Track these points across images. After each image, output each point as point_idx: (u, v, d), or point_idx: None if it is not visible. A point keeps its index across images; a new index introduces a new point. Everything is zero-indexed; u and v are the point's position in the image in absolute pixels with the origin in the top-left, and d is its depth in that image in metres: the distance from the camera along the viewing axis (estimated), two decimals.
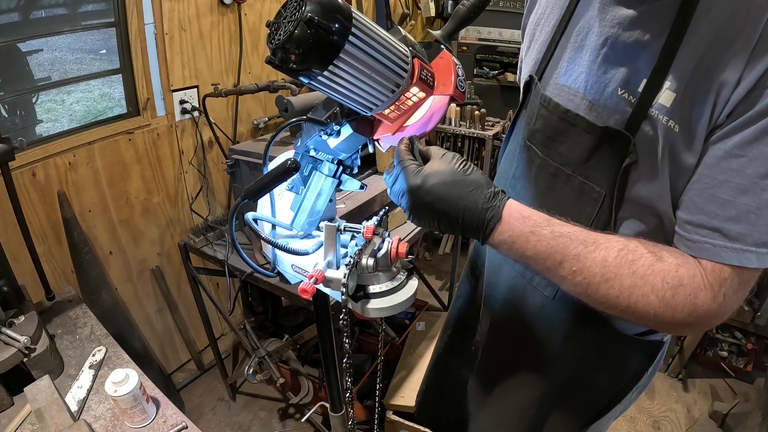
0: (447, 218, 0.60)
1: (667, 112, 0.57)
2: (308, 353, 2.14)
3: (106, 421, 1.02)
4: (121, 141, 1.77)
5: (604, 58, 0.63)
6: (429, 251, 3.33)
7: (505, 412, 0.97)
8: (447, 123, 2.76)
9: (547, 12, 0.77)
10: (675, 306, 0.55)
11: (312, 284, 0.62)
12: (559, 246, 0.57)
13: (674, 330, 0.61)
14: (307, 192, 0.76)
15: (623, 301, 0.56)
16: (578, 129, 0.67)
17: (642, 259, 0.56)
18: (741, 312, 2.18)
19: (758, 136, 0.50)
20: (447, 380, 1.17)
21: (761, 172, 0.51)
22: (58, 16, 1.58)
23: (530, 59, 0.80)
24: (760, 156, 0.50)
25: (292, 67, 0.48)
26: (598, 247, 0.57)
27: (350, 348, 0.72)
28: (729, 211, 0.53)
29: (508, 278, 0.88)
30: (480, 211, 0.59)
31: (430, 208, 0.59)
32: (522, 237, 0.59)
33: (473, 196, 0.59)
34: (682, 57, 0.55)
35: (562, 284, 0.60)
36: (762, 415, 1.83)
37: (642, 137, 0.60)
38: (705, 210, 0.56)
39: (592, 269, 0.56)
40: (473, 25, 2.89)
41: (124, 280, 1.96)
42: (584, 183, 0.68)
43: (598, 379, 0.83)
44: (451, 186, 0.58)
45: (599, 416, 0.85)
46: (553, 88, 0.73)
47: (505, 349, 0.94)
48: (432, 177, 0.59)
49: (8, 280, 1.15)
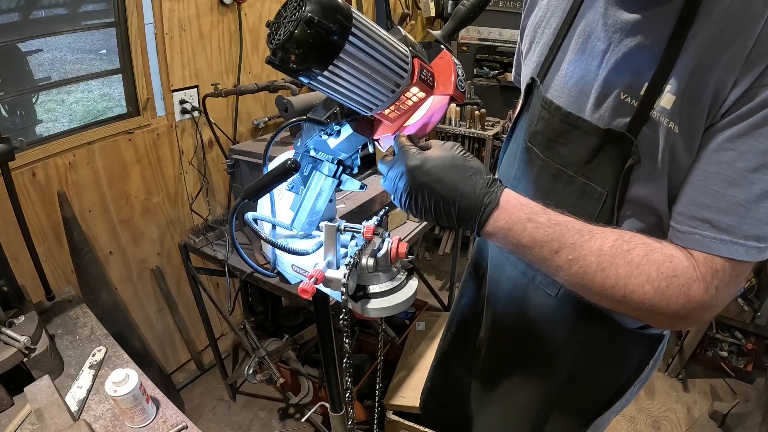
0: (443, 201, 0.59)
1: (668, 114, 0.58)
2: (308, 353, 2.15)
3: (106, 421, 1.02)
4: (121, 141, 1.77)
5: (606, 62, 0.64)
6: (429, 251, 3.33)
7: (508, 410, 0.97)
8: (447, 123, 2.77)
9: (549, 14, 0.77)
10: (669, 296, 0.55)
11: (312, 284, 0.62)
12: (555, 234, 0.57)
13: (668, 323, 0.61)
14: (307, 192, 0.76)
15: (619, 291, 0.56)
16: (580, 131, 0.68)
17: (637, 249, 0.56)
18: (741, 312, 2.18)
19: (748, 131, 0.52)
20: (450, 379, 1.17)
21: (751, 166, 0.52)
22: (58, 16, 1.58)
23: (532, 61, 0.80)
24: (750, 150, 0.52)
25: (292, 67, 0.48)
26: (594, 237, 0.57)
27: (350, 348, 0.72)
28: (719, 203, 0.54)
29: (510, 277, 0.88)
30: (478, 196, 0.59)
31: (428, 189, 0.59)
32: (519, 224, 0.58)
33: (471, 181, 0.59)
34: (682, 60, 0.56)
35: (558, 274, 0.59)
36: (762, 415, 1.83)
37: (643, 139, 0.61)
38: (696, 201, 0.57)
39: (588, 258, 0.56)
40: (473, 25, 2.89)
41: (124, 280, 1.96)
42: (586, 184, 0.69)
43: (601, 374, 0.84)
44: (451, 168, 0.58)
45: (602, 411, 0.86)
46: (555, 90, 0.73)
47: (508, 348, 0.95)
48: (432, 159, 0.59)
49: (8, 280, 1.15)
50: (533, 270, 0.81)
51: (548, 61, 0.75)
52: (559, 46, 0.73)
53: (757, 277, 2.16)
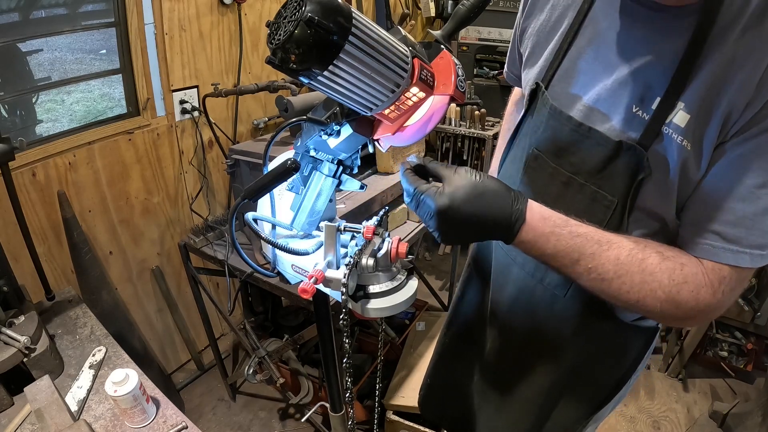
0: (478, 229, 0.61)
1: (682, 132, 0.60)
2: (308, 353, 2.15)
3: (106, 421, 1.02)
4: (121, 141, 1.77)
5: (618, 74, 0.66)
6: (429, 251, 3.33)
7: (511, 406, 1.00)
8: (447, 123, 2.76)
9: (554, 20, 0.78)
10: (679, 301, 0.60)
11: (312, 284, 0.62)
12: (576, 245, 0.61)
13: (676, 323, 0.65)
14: (307, 192, 0.76)
15: (633, 296, 0.61)
16: (592, 141, 0.69)
17: (650, 258, 0.60)
18: (741, 312, 2.18)
19: (758, 150, 0.56)
20: (451, 376, 1.19)
21: (758, 183, 0.56)
22: (58, 16, 1.58)
23: (536, 66, 0.80)
24: (759, 168, 0.56)
25: (292, 67, 0.48)
26: (611, 246, 0.61)
27: (350, 348, 0.72)
28: (728, 216, 0.59)
29: (516, 278, 0.90)
30: (506, 217, 0.61)
31: (463, 225, 0.60)
32: (543, 237, 0.62)
33: (498, 204, 0.60)
34: (697, 79, 0.58)
35: (579, 280, 0.64)
36: (762, 415, 1.83)
37: (654, 153, 0.63)
38: (707, 214, 0.61)
39: (606, 266, 0.61)
40: (473, 25, 2.89)
41: (124, 280, 1.96)
42: (597, 192, 0.71)
43: (605, 367, 0.87)
44: (477, 199, 0.59)
45: (602, 405, 0.89)
46: (564, 98, 0.74)
47: (513, 346, 0.96)
48: (457, 195, 0.59)
49: (8, 280, 1.15)
50: (542, 272, 0.83)
51: (553, 67, 0.76)
52: (565, 53, 0.74)
53: (757, 277, 2.16)
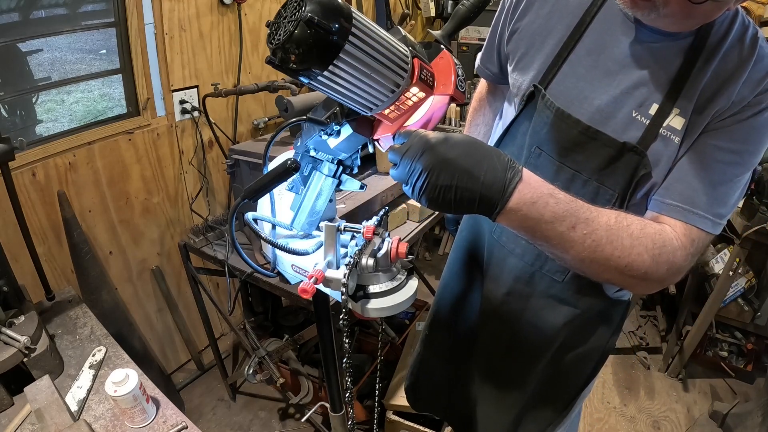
0: (468, 176, 0.55)
1: (678, 133, 0.71)
2: (308, 353, 2.14)
3: (106, 421, 1.02)
4: (121, 141, 1.77)
5: (619, 82, 0.74)
6: (429, 251, 3.33)
7: (504, 391, 1.05)
8: (447, 123, 2.76)
9: (551, 24, 0.81)
10: (660, 263, 0.65)
11: (312, 284, 0.62)
12: (572, 209, 0.61)
13: (652, 285, 0.70)
14: (307, 192, 0.76)
15: (623, 261, 0.64)
16: (599, 143, 0.75)
17: (634, 224, 0.65)
18: (741, 312, 2.19)
19: (730, 136, 0.68)
20: (439, 365, 1.21)
21: (726, 160, 0.68)
22: (58, 16, 1.58)
23: (531, 69, 0.84)
24: (727, 149, 0.68)
25: (292, 67, 0.48)
26: (600, 213, 0.64)
27: (350, 348, 0.72)
28: (697, 183, 0.69)
29: (513, 269, 0.93)
30: (502, 170, 0.57)
31: (454, 164, 0.55)
32: (542, 198, 0.59)
33: (493, 159, 0.57)
34: (691, 90, 0.69)
35: (572, 247, 0.62)
36: (762, 415, 1.83)
37: (652, 151, 0.72)
38: (681, 179, 0.71)
39: (599, 232, 0.62)
40: (473, 25, 2.88)
41: (124, 280, 1.96)
42: (600, 186, 0.77)
43: (592, 342, 0.94)
44: (474, 147, 0.57)
45: (589, 380, 0.98)
46: (567, 102, 0.78)
47: (506, 333, 1.00)
48: (454, 136, 0.58)
49: (8, 280, 1.15)
50: (541, 260, 0.88)
51: (552, 71, 0.80)
52: (564, 59, 0.79)
53: (757, 277, 2.16)
